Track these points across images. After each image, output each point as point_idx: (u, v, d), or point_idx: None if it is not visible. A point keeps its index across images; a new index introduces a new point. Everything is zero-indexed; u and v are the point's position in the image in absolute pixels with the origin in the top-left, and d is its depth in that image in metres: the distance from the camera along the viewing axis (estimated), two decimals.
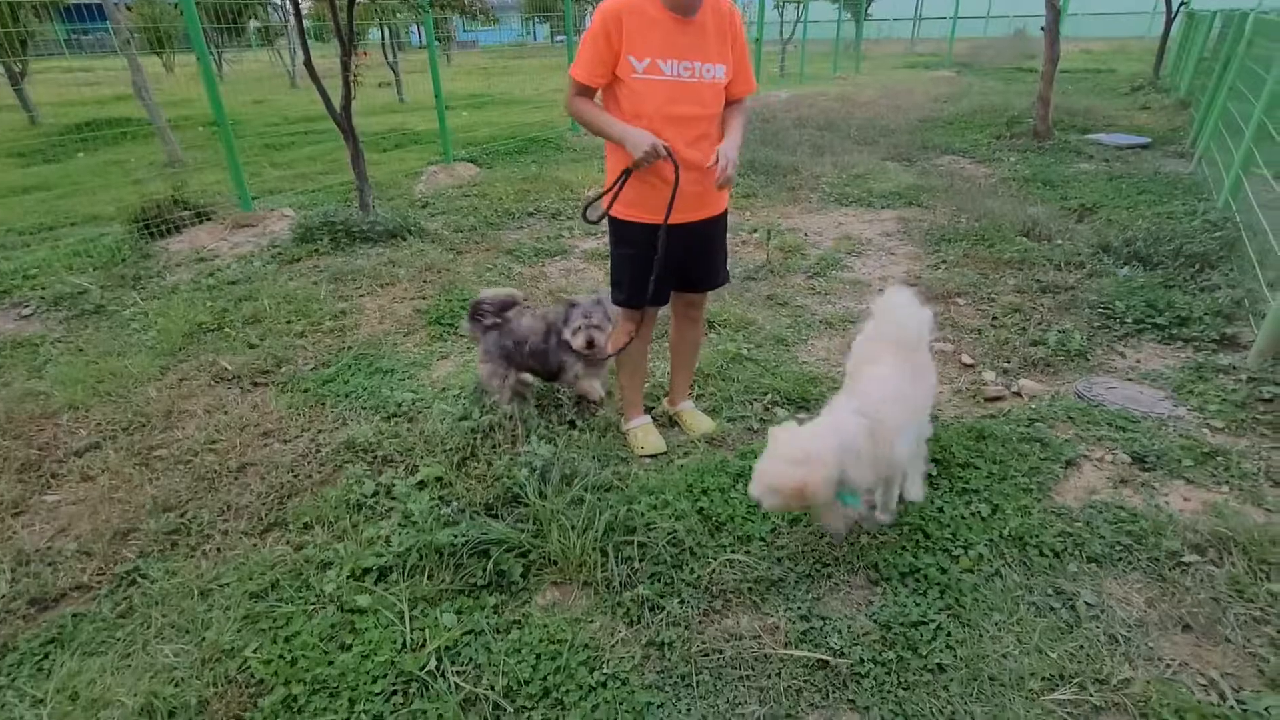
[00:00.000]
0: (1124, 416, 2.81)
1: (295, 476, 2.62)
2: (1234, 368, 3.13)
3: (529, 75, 18.23)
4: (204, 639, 1.92)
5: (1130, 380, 3.15)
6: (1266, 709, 1.61)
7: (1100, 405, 2.91)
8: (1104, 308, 3.76)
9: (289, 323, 3.92)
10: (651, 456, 2.69)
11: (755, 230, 5.40)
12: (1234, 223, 4.49)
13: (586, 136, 9.29)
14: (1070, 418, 2.82)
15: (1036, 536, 2.17)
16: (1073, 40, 20.98)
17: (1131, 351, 3.43)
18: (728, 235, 2.63)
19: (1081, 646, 1.82)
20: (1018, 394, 3.07)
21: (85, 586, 2.16)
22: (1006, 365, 3.32)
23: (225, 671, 1.82)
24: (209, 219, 5.67)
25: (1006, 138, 8.48)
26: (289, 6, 12.16)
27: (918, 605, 1.95)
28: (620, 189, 2.34)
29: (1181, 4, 12.74)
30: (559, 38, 35.02)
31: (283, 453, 2.77)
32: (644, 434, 2.75)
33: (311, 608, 2.02)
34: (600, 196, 2.43)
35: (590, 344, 2.67)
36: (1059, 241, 4.80)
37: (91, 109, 12.05)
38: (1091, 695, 1.68)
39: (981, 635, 1.86)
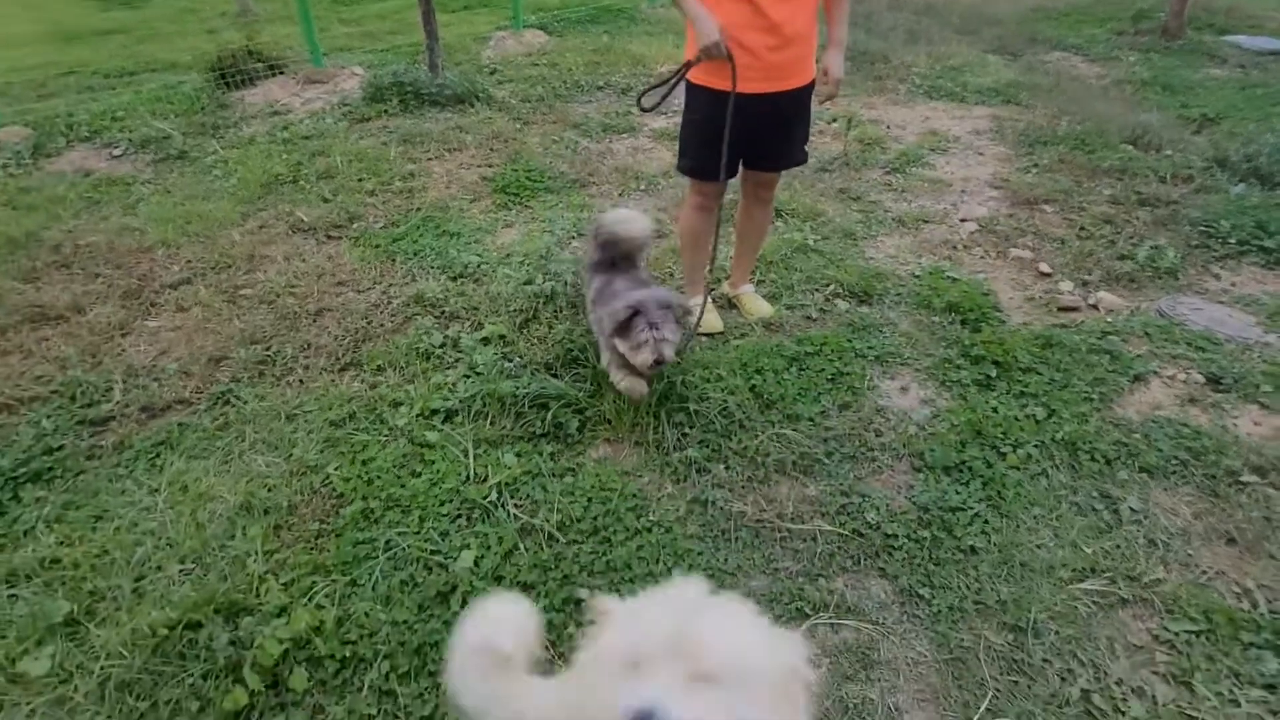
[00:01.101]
0: (1205, 338, 2.68)
1: (369, 323, 2.77)
2: None
3: None
4: (291, 454, 2.13)
5: (1221, 303, 2.98)
6: None
7: (1182, 324, 2.78)
8: (1206, 226, 3.49)
9: (360, 180, 3.98)
10: (708, 335, 2.72)
11: (834, 120, 5.10)
12: None
13: (661, 9, 8.72)
14: (1147, 334, 2.71)
15: (1090, 443, 2.16)
16: None
17: (1228, 274, 3.21)
18: (812, 110, 2.49)
19: (1118, 546, 1.85)
20: (1094, 306, 2.95)
21: (186, 401, 2.39)
22: (1087, 278, 3.17)
23: (310, 483, 2.03)
24: (281, 73, 5.66)
25: (1130, 34, 7.59)
26: None
27: (958, 493, 2.00)
28: (678, 81, 2.27)
29: None
30: None
31: (357, 301, 2.91)
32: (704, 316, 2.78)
33: (385, 439, 2.20)
34: (658, 85, 2.34)
35: (658, 361, 2.05)
36: (1169, 152, 4.40)
37: None
38: (1120, 589, 1.73)
39: (1018, 526, 1.91)
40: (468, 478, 2.03)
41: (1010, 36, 7.58)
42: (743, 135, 2.32)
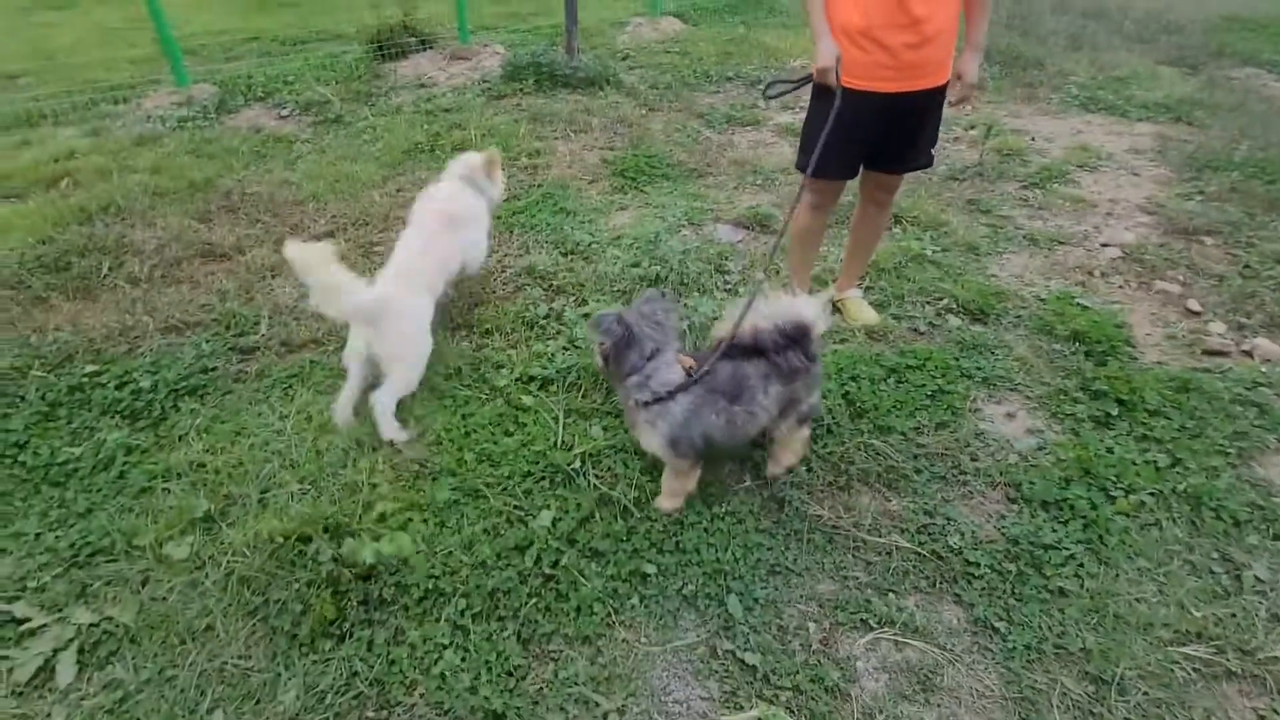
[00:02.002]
0: None
1: (482, 289, 2.94)
2: None
3: None
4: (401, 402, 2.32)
5: None
6: None
7: None
8: None
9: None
10: None
11: (972, 126, 4.83)
12: None
13: None
14: None
15: (1218, 500, 1.97)
16: None
17: None
18: (943, 112, 2.38)
19: (1234, 615, 1.69)
20: (1247, 353, 2.66)
21: (318, 341, 2.64)
22: (1245, 320, 2.85)
23: (415, 429, 2.20)
24: (431, 47, 6.04)
25: None
26: None
27: (1054, 531, 1.89)
28: (804, 83, 2.30)
29: None
30: None
31: None
32: None
33: (485, 397, 2.35)
34: (785, 81, 2.38)
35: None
36: None
37: None
38: (1229, 660, 1.58)
39: (1118, 575, 1.78)
40: (556, 443, 2.14)
41: (1192, 47, 6.84)
42: (867, 135, 2.27)
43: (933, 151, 2.40)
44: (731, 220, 3.56)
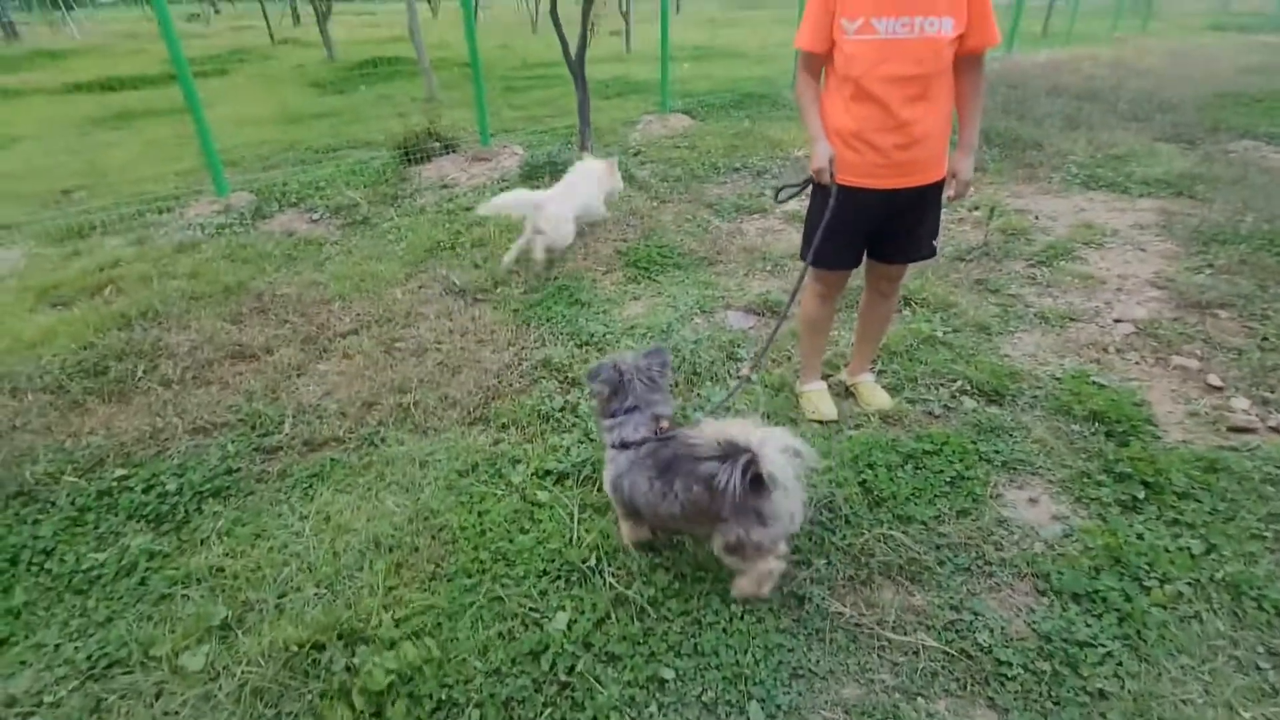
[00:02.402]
0: None
1: (500, 382, 3.01)
2: None
3: (756, 27, 17.82)
4: (419, 498, 2.34)
5: None
6: None
7: None
8: None
9: (507, 249, 4.38)
10: (820, 422, 2.69)
11: (976, 207, 4.96)
12: None
13: None
14: None
15: (1259, 589, 1.89)
16: None
17: None
18: (941, 208, 2.47)
19: None
20: (1275, 430, 2.60)
21: (340, 440, 2.70)
22: (1269, 395, 2.81)
23: (432, 527, 2.22)
24: (454, 150, 6.42)
25: None
26: None
27: (1088, 626, 1.81)
28: (804, 188, 2.42)
29: None
30: None
31: (492, 360, 3.18)
32: (817, 398, 2.76)
33: (501, 493, 2.36)
34: (791, 185, 2.49)
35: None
36: None
37: (372, 48, 13.93)
38: None
39: (1160, 675, 1.69)
40: (571, 540, 2.13)
41: (1188, 124, 7.05)
42: (865, 227, 2.37)
43: (936, 243, 2.47)
44: (742, 307, 3.64)
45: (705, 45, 14.00)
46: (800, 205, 5.06)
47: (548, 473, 2.42)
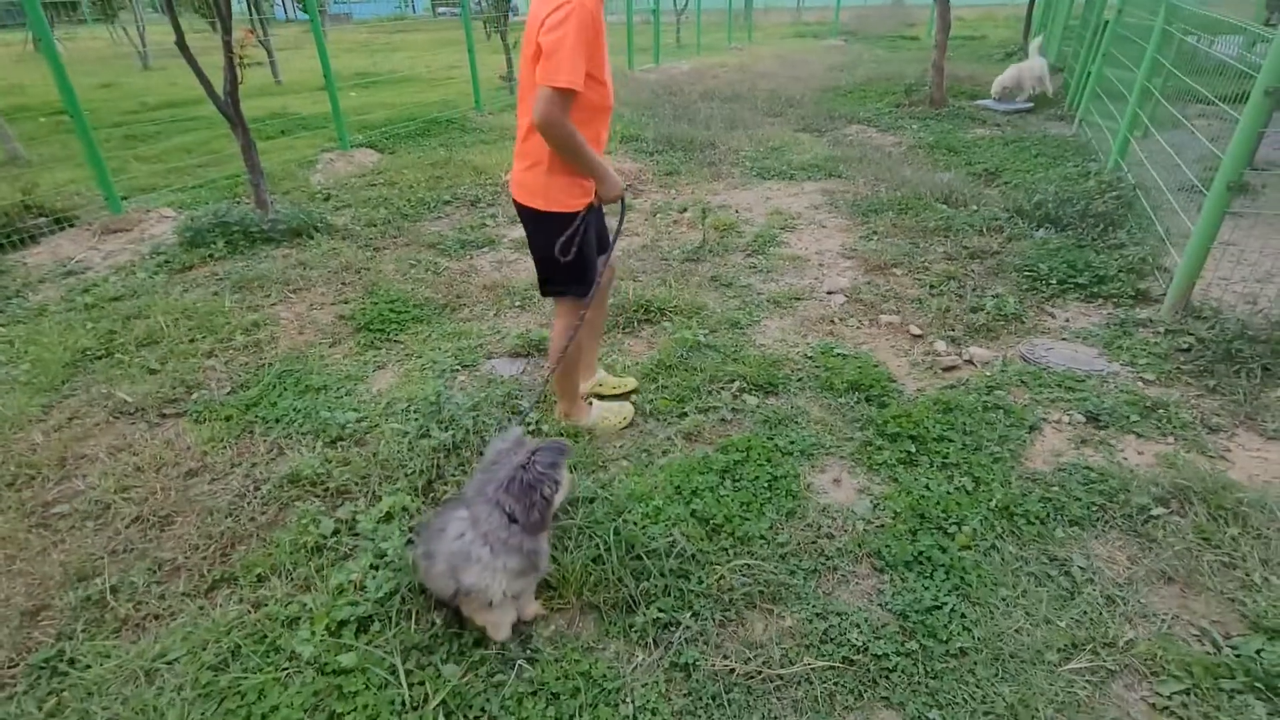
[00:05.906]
0: (1069, 377, 2.96)
1: (236, 521, 2.32)
2: (1150, 321, 3.38)
3: (416, 51, 17.22)
4: None
5: (1064, 340, 3.33)
6: (1257, 652, 1.72)
7: (1046, 367, 3.05)
8: (1029, 270, 3.96)
9: (192, 341, 3.48)
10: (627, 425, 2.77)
11: (685, 209, 5.31)
12: (1127, 183, 4.84)
13: (492, 115, 8.85)
14: (1023, 382, 2.94)
15: (1021, 505, 2.24)
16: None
17: (1060, 311, 3.63)
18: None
19: (1085, 612, 1.89)
20: (970, 362, 3.18)
21: None
22: (953, 334, 3.43)
23: None
24: (71, 225, 4.96)
25: (905, 105, 8.79)
26: None
27: (927, 589, 1.96)
28: (581, 223, 2.29)
29: None
30: (441, 10, 33.26)
31: (215, 494, 2.45)
32: (610, 411, 2.80)
33: (285, 673, 1.79)
34: (570, 234, 2.29)
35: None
36: (974, 207, 5.01)
37: None
38: (1105, 660, 1.75)
39: (993, 613, 1.89)
40: (403, 705, 1.68)
41: (812, 115, 8.48)
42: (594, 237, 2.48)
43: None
44: (505, 353, 3.37)
45: (369, 71, 13.04)
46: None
47: (344, 624, 1.89)
